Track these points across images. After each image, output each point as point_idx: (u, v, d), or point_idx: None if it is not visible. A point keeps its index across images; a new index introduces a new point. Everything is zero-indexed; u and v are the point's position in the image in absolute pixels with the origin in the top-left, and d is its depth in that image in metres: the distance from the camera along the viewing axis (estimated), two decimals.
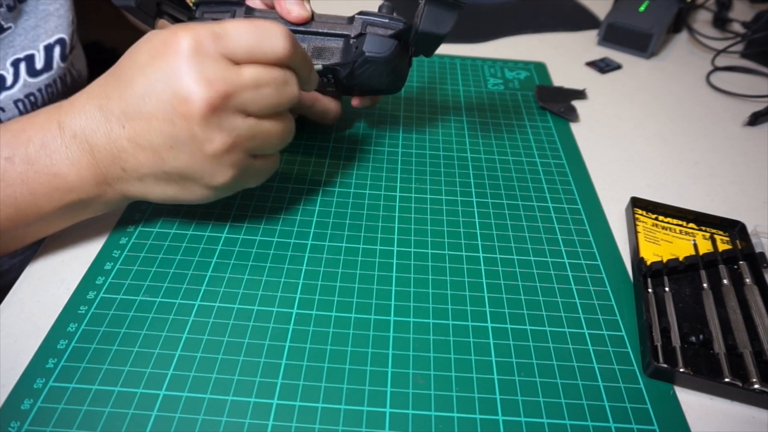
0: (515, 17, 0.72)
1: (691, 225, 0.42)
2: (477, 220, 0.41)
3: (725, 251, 0.39)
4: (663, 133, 0.53)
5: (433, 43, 0.38)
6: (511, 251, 0.39)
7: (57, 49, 0.47)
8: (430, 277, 0.36)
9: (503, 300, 0.35)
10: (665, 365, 0.31)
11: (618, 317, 0.35)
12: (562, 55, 0.65)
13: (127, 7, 0.37)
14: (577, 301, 0.36)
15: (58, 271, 0.35)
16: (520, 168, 0.46)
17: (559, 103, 0.54)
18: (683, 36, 0.71)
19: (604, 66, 0.63)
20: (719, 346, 0.33)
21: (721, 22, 0.72)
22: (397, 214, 0.41)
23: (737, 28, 0.71)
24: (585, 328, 0.34)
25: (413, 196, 0.43)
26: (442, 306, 0.35)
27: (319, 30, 0.40)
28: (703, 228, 0.41)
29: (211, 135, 0.30)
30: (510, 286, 0.36)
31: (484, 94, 0.56)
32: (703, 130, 0.54)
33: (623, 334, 0.34)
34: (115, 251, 0.36)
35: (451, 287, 0.36)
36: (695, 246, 0.40)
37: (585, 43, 0.68)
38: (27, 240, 0.34)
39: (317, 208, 0.41)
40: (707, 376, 0.32)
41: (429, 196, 0.43)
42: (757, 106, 0.57)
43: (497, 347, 0.33)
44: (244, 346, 0.32)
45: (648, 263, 0.37)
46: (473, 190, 0.44)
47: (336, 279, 0.36)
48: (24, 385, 0.29)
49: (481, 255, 0.38)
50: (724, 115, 0.56)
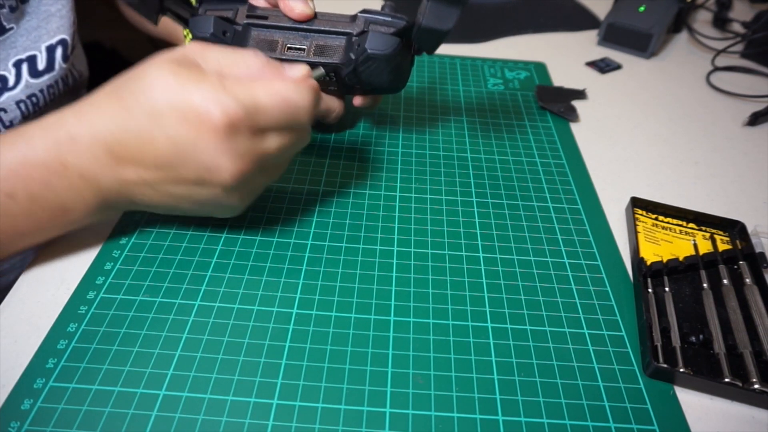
0: (515, 17, 0.72)
1: (691, 225, 0.42)
2: (477, 220, 0.41)
3: (725, 251, 0.39)
4: (663, 133, 0.53)
5: (436, 39, 0.38)
6: (511, 251, 0.39)
7: (59, 50, 0.47)
8: (430, 277, 0.36)
9: (503, 300, 0.35)
10: (665, 365, 0.31)
11: (618, 317, 0.35)
12: (562, 55, 0.65)
13: (131, 3, 0.37)
14: (577, 301, 0.36)
15: (58, 271, 0.35)
16: (520, 168, 0.46)
17: (559, 103, 0.54)
18: (683, 36, 0.71)
19: (604, 66, 0.63)
20: (719, 346, 0.33)
21: (721, 22, 0.72)
22: (397, 214, 0.41)
23: (737, 28, 0.71)
24: (585, 328, 0.34)
25: (413, 196, 0.43)
26: (442, 306, 0.35)
27: (322, 28, 0.40)
28: (703, 228, 0.41)
29: (235, 195, 0.32)
30: (510, 286, 0.36)
31: (484, 94, 0.56)
32: (703, 130, 0.54)
33: (623, 334, 0.34)
34: (115, 251, 0.36)
35: (451, 287, 0.36)
36: (695, 246, 0.40)
37: (585, 43, 0.68)
38: (20, 250, 0.34)
39: (317, 208, 0.41)
40: (707, 376, 0.32)
41: (429, 196, 0.43)
42: (757, 106, 0.57)
43: (497, 347, 0.33)
44: (244, 346, 0.32)
45: (648, 263, 0.37)
46: (473, 190, 0.44)
47: (336, 279, 0.36)
48: (24, 385, 0.29)
49: (481, 255, 0.38)
50: (724, 115, 0.56)
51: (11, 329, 0.32)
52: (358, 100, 0.45)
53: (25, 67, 0.45)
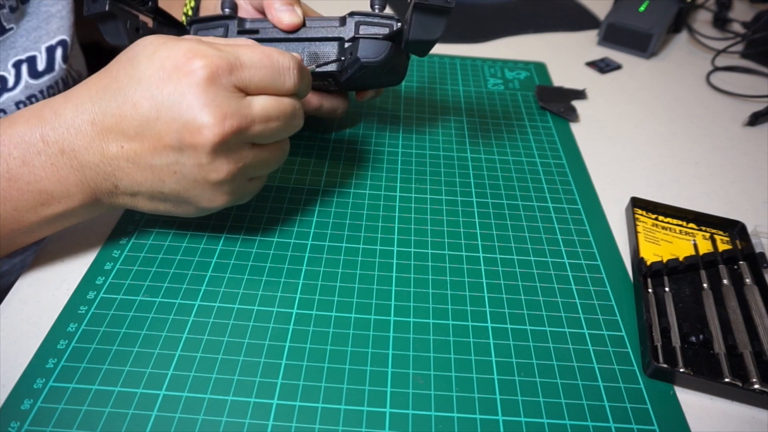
0: (515, 17, 0.72)
1: (691, 225, 0.42)
2: (477, 220, 0.41)
3: (725, 251, 0.39)
4: (663, 133, 0.53)
5: (426, 47, 0.37)
6: (511, 251, 0.39)
7: (59, 51, 0.47)
8: (430, 277, 0.36)
9: (503, 300, 0.35)
10: (665, 365, 0.31)
11: (618, 317, 0.35)
12: (562, 55, 0.65)
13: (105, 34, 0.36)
14: (577, 301, 0.36)
15: (58, 272, 0.35)
16: (520, 168, 0.46)
17: (559, 103, 0.54)
18: (683, 36, 0.71)
19: (604, 66, 0.63)
20: (719, 346, 0.33)
21: (721, 22, 0.72)
22: (397, 214, 0.41)
23: (737, 28, 0.71)
24: (585, 328, 0.34)
25: (413, 196, 0.43)
26: (442, 306, 0.35)
27: (313, 36, 0.40)
28: (703, 228, 0.41)
29: (218, 165, 0.30)
30: (510, 286, 0.36)
31: (484, 94, 0.56)
32: (703, 130, 0.54)
33: (623, 334, 0.34)
34: (115, 251, 0.36)
35: (451, 287, 0.36)
36: (695, 246, 0.40)
37: (585, 43, 0.68)
38: (12, 248, 0.33)
39: (317, 208, 0.41)
40: (707, 376, 0.32)
41: (429, 196, 0.43)
42: (757, 106, 0.57)
43: (497, 347, 0.33)
44: (244, 346, 0.32)
45: (648, 263, 0.37)
46: (473, 190, 0.44)
47: (336, 279, 0.36)
48: (24, 385, 0.29)
49: (481, 255, 0.38)
50: (724, 115, 0.56)
51: (11, 329, 0.32)
52: (361, 95, 0.45)
53: (24, 68, 0.45)
